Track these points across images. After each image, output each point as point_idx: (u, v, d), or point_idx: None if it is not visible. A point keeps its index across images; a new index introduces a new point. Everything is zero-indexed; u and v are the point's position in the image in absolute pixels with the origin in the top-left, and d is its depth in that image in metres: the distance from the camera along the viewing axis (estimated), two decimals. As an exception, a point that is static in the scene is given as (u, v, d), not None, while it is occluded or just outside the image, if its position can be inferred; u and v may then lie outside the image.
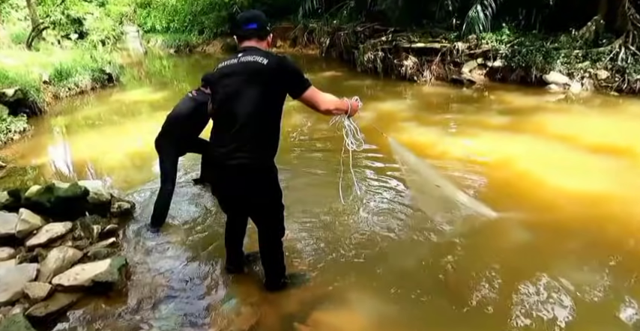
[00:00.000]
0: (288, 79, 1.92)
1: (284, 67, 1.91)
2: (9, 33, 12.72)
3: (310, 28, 11.82)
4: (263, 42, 2.04)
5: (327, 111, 2.02)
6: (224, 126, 1.97)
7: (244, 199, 2.11)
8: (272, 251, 2.28)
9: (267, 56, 1.90)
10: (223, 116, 1.99)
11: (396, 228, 3.08)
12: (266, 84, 1.89)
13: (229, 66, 1.98)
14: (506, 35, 7.80)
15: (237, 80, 1.92)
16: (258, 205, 2.11)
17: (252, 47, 1.99)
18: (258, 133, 1.94)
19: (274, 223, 2.19)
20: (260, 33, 2.02)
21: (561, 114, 5.98)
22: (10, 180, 4.44)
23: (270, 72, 1.87)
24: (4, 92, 6.01)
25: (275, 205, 2.15)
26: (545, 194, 3.51)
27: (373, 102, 6.79)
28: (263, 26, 2.04)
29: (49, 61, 8.58)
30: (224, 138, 1.96)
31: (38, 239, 2.99)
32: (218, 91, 2.01)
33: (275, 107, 1.98)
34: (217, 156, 1.98)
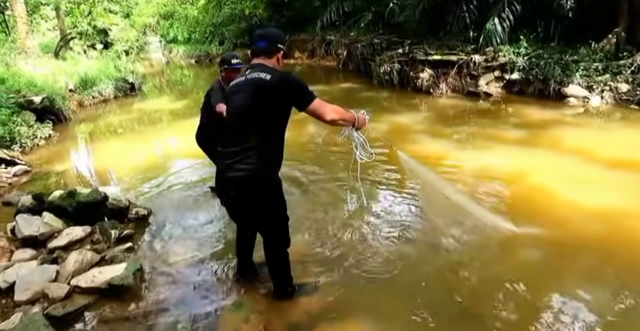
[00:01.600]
0: (292, 93, 1.98)
1: (287, 82, 1.97)
2: (38, 43, 13.30)
3: (328, 40, 11.97)
4: (271, 59, 2.08)
5: (333, 122, 2.06)
6: (230, 139, 2.06)
7: (247, 210, 2.17)
8: (277, 262, 2.31)
9: (271, 72, 1.96)
10: (230, 130, 2.08)
11: (407, 241, 3.06)
12: (270, 99, 1.95)
13: (237, 84, 2.08)
14: (524, 48, 7.75)
15: (243, 96, 2.01)
16: (260, 217, 2.16)
17: (259, 64, 2.06)
18: (262, 147, 2.00)
19: (278, 234, 2.23)
20: (268, 50, 2.08)
21: (579, 128, 5.88)
22: (35, 184, 4.62)
23: (274, 87, 1.93)
24: (31, 100, 6.26)
25: (278, 217, 2.18)
26: (561, 209, 3.45)
27: (388, 114, 6.82)
28: (272, 44, 2.08)
29: (75, 70, 8.92)
30: (229, 151, 2.04)
31: (59, 241, 3.11)
32: (228, 108, 2.12)
33: (279, 122, 2.04)
34: (222, 168, 2.08)
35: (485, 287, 2.52)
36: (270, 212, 2.14)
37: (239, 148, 1.99)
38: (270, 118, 2.00)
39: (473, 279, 2.61)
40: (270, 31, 2.26)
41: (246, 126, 2.00)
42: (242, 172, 1.98)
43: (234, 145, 2.02)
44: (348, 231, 3.21)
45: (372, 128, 2.48)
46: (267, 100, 1.96)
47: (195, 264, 2.90)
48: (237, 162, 1.99)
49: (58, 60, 10.51)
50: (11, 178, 4.75)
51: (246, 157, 1.98)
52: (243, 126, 2.01)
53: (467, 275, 2.65)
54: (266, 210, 2.12)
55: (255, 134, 1.99)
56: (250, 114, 1.99)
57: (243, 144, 1.99)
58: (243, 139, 1.99)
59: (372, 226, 3.27)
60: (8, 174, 4.80)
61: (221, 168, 2.08)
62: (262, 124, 1.99)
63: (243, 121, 2.01)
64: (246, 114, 2.00)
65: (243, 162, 1.98)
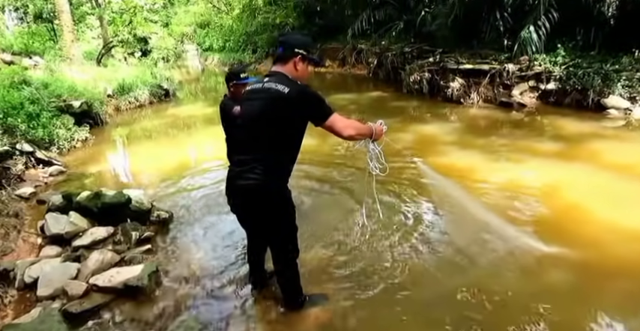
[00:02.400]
0: (308, 108, 1.95)
1: (304, 97, 1.93)
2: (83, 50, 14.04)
3: (359, 49, 11.97)
4: (286, 65, 2.02)
5: (350, 137, 2.04)
6: (241, 147, 2.05)
7: (254, 219, 2.16)
8: (285, 272, 2.28)
9: (289, 85, 1.91)
10: (242, 138, 2.06)
11: (424, 257, 2.93)
12: (285, 111, 1.92)
13: (254, 90, 2.04)
14: (561, 56, 7.44)
15: (258, 104, 1.98)
16: (267, 226, 2.14)
17: (277, 72, 2.02)
18: (272, 158, 1.98)
19: (285, 244, 2.20)
20: (284, 55, 2.03)
21: (619, 142, 5.55)
22: (69, 184, 4.82)
23: (291, 101, 1.89)
24: (71, 104, 6.59)
25: (285, 227, 2.15)
26: (595, 228, 3.22)
27: (416, 123, 6.71)
28: (288, 49, 2.03)
29: (114, 76, 9.33)
30: (240, 159, 2.03)
31: (83, 240, 3.22)
32: (242, 113, 2.10)
33: (292, 135, 2.01)
34: (231, 175, 2.06)
35: (505, 311, 2.37)
36: (277, 222, 2.11)
37: (250, 157, 1.98)
38: (284, 131, 1.97)
39: (492, 302, 2.44)
40: (291, 36, 2.24)
41: (259, 136, 1.98)
42: (251, 181, 1.96)
43: (245, 153, 2.01)
44: (363, 243, 3.13)
45: (392, 139, 2.42)
46: (282, 113, 1.93)
47: (210, 269, 2.91)
48: (246, 171, 1.97)
49: (100, 67, 11.03)
50: (47, 178, 4.99)
51: (256, 167, 1.96)
52: (256, 136, 1.99)
53: (486, 297, 2.47)
54: (273, 220, 2.10)
55: (267, 145, 1.97)
56: (263, 124, 1.96)
57: (253, 154, 1.98)
58: (255, 149, 1.98)
59: (388, 240, 3.16)
60: (45, 173, 5.05)
61: (231, 175, 2.07)
62: (275, 136, 1.97)
63: (256, 131, 1.99)
64: (259, 124, 1.98)
65: (253, 172, 1.96)
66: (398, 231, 3.27)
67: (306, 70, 2.07)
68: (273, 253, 2.23)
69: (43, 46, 12.37)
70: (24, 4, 14.16)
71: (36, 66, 9.23)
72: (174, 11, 20.27)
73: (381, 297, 2.51)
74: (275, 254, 2.23)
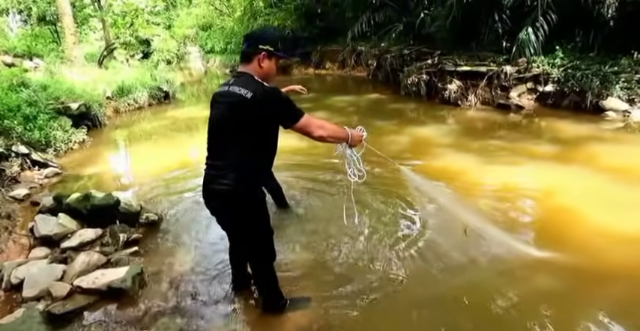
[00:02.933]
0: (276, 111, 1.89)
1: (271, 101, 1.87)
2: (86, 52, 14.16)
3: (358, 51, 11.98)
4: (251, 64, 1.94)
5: (321, 138, 1.98)
6: (212, 151, 2.04)
7: (228, 223, 2.15)
8: (261, 275, 2.28)
9: (254, 88, 1.85)
10: (211, 142, 2.04)
11: (408, 262, 2.89)
12: (249, 116, 1.87)
13: (220, 93, 1.99)
14: (560, 58, 7.40)
15: (223, 109, 1.94)
16: (240, 230, 2.13)
17: (242, 73, 1.96)
18: (242, 162, 1.94)
19: (259, 248, 2.19)
20: (247, 52, 1.95)
21: (617, 144, 5.50)
22: (64, 186, 4.85)
23: (255, 105, 1.84)
24: (69, 106, 6.63)
25: (257, 231, 2.13)
26: (588, 233, 3.17)
27: (412, 126, 6.69)
28: (252, 45, 1.93)
29: (114, 78, 9.38)
30: (212, 164, 2.02)
31: (71, 242, 3.24)
32: (209, 117, 2.05)
33: (261, 138, 1.96)
34: (206, 180, 2.05)
35: (493, 317, 2.34)
36: (249, 226, 2.10)
37: (220, 163, 1.97)
38: (251, 135, 1.92)
39: (478, 307, 2.41)
40: (257, 30, 2.18)
41: (227, 141, 1.96)
42: (223, 186, 1.95)
43: (217, 158, 2.00)
44: (347, 247, 3.11)
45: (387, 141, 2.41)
46: (246, 118, 1.88)
47: (196, 271, 2.92)
48: (219, 176, 1.97)
49: (101, 69, 11.10)
50: (42, 179, 5.02)
51: (227, 172, 1.94)
52: (224, 141, 1.97)
53: (472, 302, 2.45)
54: (245, 224, 2.09)
55: (236, 150, 1.94)
56: (230, 130, 1.93)
57: (224, 159, 1.96)
58: (224, 154, 1.96)
59: (373, 245, 3.12)
60: (40, 175, 5.07)
61: (205, 179, 2.05)
62: (243, 141, 1.93)
63: (224, 136, 1.97)
64: (226, 130, 1.95)
65: (225, 177, 1.95)
66: (382, 236, 3.23)
67: (273, 67, 1.98)
68: (249, 256, 2.23)
69: (46, 48, 12.47)
70: (27, 7, 14.30)
71: (36, 68, 9.32)
72: (176, 13, 20.37)
73: (363, 301, 2.50)
74: (249, 257, 2.22)
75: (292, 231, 3.42)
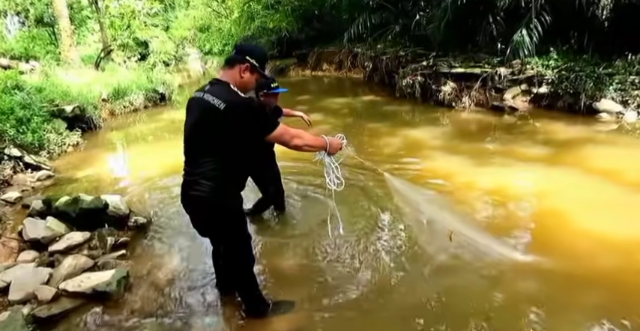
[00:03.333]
0: (248, 123, 1.88)
1: (243, 112, 1.87)
2: (84, 55, 14.19)
3: (355, 52, 12.00)
4: (232, 69, 1.97)
5: (297, 147, 1.99)
6: (187, 157, 2.05)
7: (204, 228, 2.16)
8: (239, 280, 2.28)
9: (227, 98, 1.85)
10: (186, 148, 2.05)
11: (393, 266, 2.89)
12: (219, 126, 1.87)
13: (195, 99, 1.99)
14: (554, 60, 7.42)
15: (196, 117, 1.95)
16: (216, 235, 2.15)
17: (219, 81, 1.97)
18: (214, 170, 1.94)
19: (235, 253, 2.19)
20: (234, 59, 1.99)
21: (609, 146, 5.51)
22: (56, 189, 4.86)
23: (226, 116, 1.84)
24: (63, 109, 6.65)
25: (234, 237, 2.13)
26: (574, 237, 3.16)
27: (405, 128, 6.70)
28: (239, 54, 1.99)
29: (110, 80, 9.39)
30: (188, 170, 2.04)
31: (59, 245, 3.24)
32: (185, 123, 2.05)
33: (234, 148, 1.95)
34: (182, 185, 2.07)
35: (476, 323, 2.32)
36: (224, 232, 2.10)
37: (195, 170, 1.98)
38: (222, 144, 1.92)
39: (462, 312, 2.41)
40: (249, 44, 2.25)
41: (200, 149, 1.96)
42: (198, 192, 1.97)
43: (191, 165, 2.01)
44: (333, 254, 3.09)
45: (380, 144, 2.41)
46: (216, 127, 1.88)
47: (181, 276, 2.93)
48: (193, 182, 1.98)
49: (98, 71, 11.11)
50: (35, 182, 5.02)
51: (201, 179, 1.95)
52: (197, 150, 1.98)
53: (457, 307, 2.44)
54: (220, 230, 2.10)
55: (209, 159, 1.94)
56: (201, 137, 1.94)
57: (198, 167, 1.97)
58: (198, 162, 1.96)
59: (358, 251, 3.10)
60: (33, 178, 5.08)
61: (182, 185, 2.06)
62: (215, 149, 1.93)
63: (196, 143, 1.98)
64: (197, 137, 1.96)
65: (198, 183, 1.96)
66: (368, 243, 3.20)
67: (252, 80, 2.02)
68: (227, 261, 2.23)
69: (43, 50, 12.49)
70: (25, 9, 14.34)
71: (33, 70, 9.33)
72: (174, 15, 20.41)
73: (347, 308, 2.49)
74: (228, 262, 2.23)
75: (281, 235, 3.43)
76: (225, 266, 2.52)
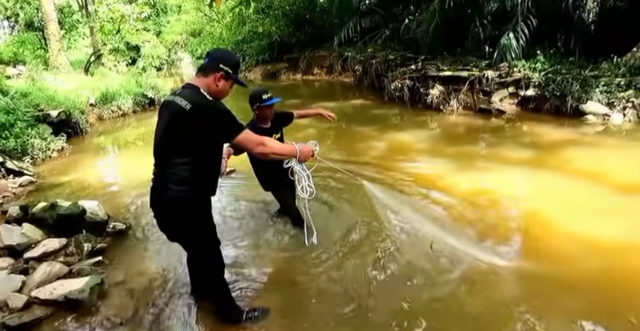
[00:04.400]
0: (213, 125, 1.88)
1: (208, 114, 1.87)
2: (75, 59, 14.12)
3: (345, 56, 12.03)
4: (207, 77, 1.98)
5: (262, 155, 1.97)
6: (155, 159, 2.03)
7: (171, 232, 2.13)
8: (210, 286, 2.25)
9: (193, 100, 1.86)
10: (155, 150, 2.03)
11: (372, 273, 2.83)
12: (184, 128, 1.87)
13: (166, 102, 1.99)
14: (541, 63, 7.46)
15: (164, 119, 1.96)
16: (182, 240, 2.11)
17: (191, 85, 1.97)
18: (181, 173, 1.92)
19: (203, 259, 2.16)
20: (206, 66, 1.99)
21: (595, 148, 5.52)
22: (37, 195, 4.79)
23: (190, 117, 1.84)
24: (49, 113, 6.59)
25: (200, 242, 2.10)
26: (559, 240, 3.14)
27: (392, 131, 6.69)
28: (213, 61, 1.99)
29: (99, 85, 9.33)
30: (156, 172, 2.02)
31: (34, 252, 3.19)
32: (156, 125, 2.05)
33: (200, 151, 1.94)
34: (151, 187, 2.05)
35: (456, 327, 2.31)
36: (190, 237, 2.08)
37: (162, 172, 1.96)
38: (189, 146, 1.91)
39: (446, 319, 2.37)
40: (220, 51, 2.18)
41: (167, 152, 1.95)
42: (164, 195, 1.95)
43: (159, 167, 2.00)
44: (312, 262, 3.00)
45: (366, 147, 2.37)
46: (182, 129, 1.88)
47: (157, 283, 2.88)
48: (160, 185, 1.96)
49: (87, 75, 11.05)
50: (16, 188, 4.96)
51: (167, 181, 1.93)
52: (164, 152, 1.97)
53: (439, 315, 2.40)
54: (186, 234, 2.07)
55: (175, 159, 1.93)
56: (168, 139, 1.94)
57: (166, 170, 1.95)
58: (166, 165, 1.95)
59: (337, 260, 3.01)
60: (14, 184, 5.01)
61: (151, 187, 2.05)
62: (181, 151, 1.92)
63: (164, 145, 1.97)
64: (164, 139, 1.96)
65: (165, 186, 1.94)
66: (347, 251, 3.11)
67: (227, 87, 2.02)
68: (197, 267, 2.20)
69: (32, 55, 12.42)
70: (15, 13, 14.27)
71: (20, 75, 9.26)
72: (166, 20, 20.38)
73: (326, 316, 2.45)
74: (198, 268, 2.20)
75: (262, 241, 3.38)
76: (194, 272, 2.48)
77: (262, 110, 3.05)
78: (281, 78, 14.91)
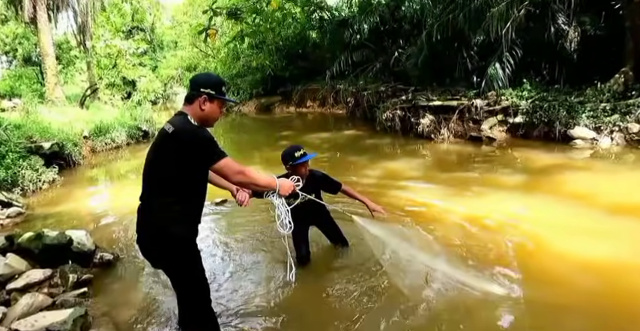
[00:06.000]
0: (194, 150, 1.85)
1: (189, 139, 1.84)
2: (71, 94, 14.31)
3: (337, 89, 12.32)
4: (192, 105, 1.95)
5: (240, 184, 1.95)
6: (143, 185, 2.01)
7: (155, 259, 2.08)
8: (197, 320, 2.13)
9: (178, 125, 1.86)
10: (143, 176, 2.02)
11: (362, 304, 2.70)
12: (168, 153, 1.87)
13: (161, 127, 2.02)
14: (527, 91, 7.68)
15: (154, 142, 1.98)
16: (166, 267, 2.06)
17: (180, 113, 1.97)
18: (165, 201, 1.90)
19: (188, 289, 2.07)
20: (191, 95, 1.97)
21: (584, 172, 5.58)
22: (25, 226, 4.68)
23: (173, 141, 1.84)
24: (41, 145, 6.58)
25: (184, 271, 2.02)
26: (549, 263, 3.10)
27: (384, 160, 6.73)
28: (194, 88, 1.97)
29: (93, 118, 9.41)
30: (142, 197, 1.99)
31: (17, 283, 3.07)
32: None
33: (184, 179, 1.91)
34: (137, 212, 2.01)
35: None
36: (174, 266, 2.01)
37: (146, 202, 1.95)
38: (172, 174, 1.88)
39: None
40: (200, 76, 2.13)
41: (151, 176, 1.94)
42: (148, 227, 1.93)
43: (144, 199, 1.97)
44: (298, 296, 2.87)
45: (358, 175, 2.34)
46: (165, 154, 1.88)
47: (143, 314, 2.75)
48: (143, 215, 1.94)
49: (83, 109, 11.16)
50: (4, 219, 4.86)
51: (151, 206, 1.92)
52: (149, 176, 1.95)
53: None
54: (170, 263, 2.01)
55: (159, 189, 1.91)
56: (153, 167, 1.93)
57: (150, 196, 1.94)
58: (151, 191, 1.94)
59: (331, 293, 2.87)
60: (2, 215, 4.92)
61: (137, 213, 2.01)
62: (165, 182, 1.90)
63: (150, 174, 1.95)
64: (149, 165, 1.95)
65: (147, 216, 1.92)
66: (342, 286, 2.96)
67: (216, 109, 2.00)
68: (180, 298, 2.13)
69: (29, 89, 12.58)
70: (13, 48, 14.58)
71: (14, 108, 9.33)
72: (162, 55, 20.89)
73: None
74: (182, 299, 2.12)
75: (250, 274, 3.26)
76: (179, 303, 2.36)
77: (295, 168, 2.96)
78: (275, 111, 15.15)
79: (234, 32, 14.25)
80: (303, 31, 14.34)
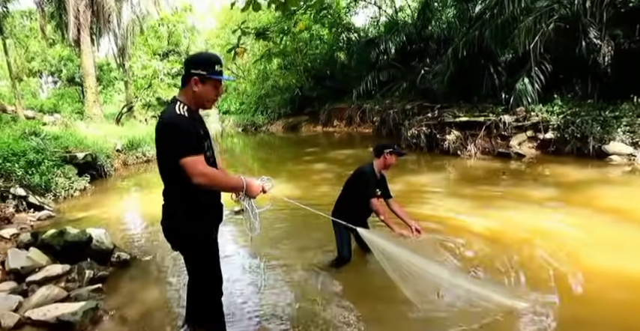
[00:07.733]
0: (166, 140, 1.78)
1: (166, 128, 1.77)
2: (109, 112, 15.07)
3: (364, 108, 12.37)
4: (185, 88, 1.86)
5: (201, 186, 1.75)
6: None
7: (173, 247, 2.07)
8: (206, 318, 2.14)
9: (163, 114, 1.82)
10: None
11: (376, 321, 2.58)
12: (159, 143, 1.83)
13: None
14: (558, 106, 7.44)
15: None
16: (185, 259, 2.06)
17: (172, 98, 1.92)
18: (174, 198, 1.90)
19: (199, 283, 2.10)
20: (184, 78, 1.86)
21: (620, 187, 5.28)
22: (53, 228, 4.83)
23: (158, 132, 1.80)
24: (75, 155, 6.89)
25: (197, 265, 2.03)
26: (582, 277, 2.90)
27: (407, 175, 6.60)
28: (187, 71, 1.85)
29: (126, 133, 9.81)
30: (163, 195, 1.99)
31: (36, 276, 3.17)
32: None
33: (178, 167, 1.75)
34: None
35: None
36: (188, 259, 2.03)
37: (164, 196, 1.94)
38: (169, 163, 1.78)
39: None
40: (192, 55, 2.01)
41: (162, 175, 1.90)
42: (164, 222, 1.95)
43: (163, 191, 1.96)
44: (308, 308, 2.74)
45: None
46: (159, 147, 1.84)
47: (152, 312, 2.76)
48: (163, 207, 1.95)
49: (118, 125, 11.68)
50: (35, 221, 5.05)
51: (166, 206, 1.93)
52: (161, 175, 1.92)
53: None
54: (185, 256, 2.03)
55: (167, 183, 1.90)
56: (158, 160, 1.89)
57: (165, 193, 1.93)
58: (165, 187, 1.93)
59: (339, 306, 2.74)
60: (34, 217, 5.12)
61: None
62: (167, 170, 1.86)
63: (159, 166, 1.91)
64: (157, 161, 1.91)
65: (165, 212, 1.94)
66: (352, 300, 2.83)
67: (210, 90, 1.85)
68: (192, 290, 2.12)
69: (70, 107, 13.34)
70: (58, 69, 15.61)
71: (55, 122, 9.88)
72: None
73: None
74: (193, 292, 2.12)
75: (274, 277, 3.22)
76: (191, 298, 2.31)
77: (391, 158, 2.99)
78: (302, 130, 15.33)
79: (263, 52, 14.71)
80: (331, 52, 14.64)
